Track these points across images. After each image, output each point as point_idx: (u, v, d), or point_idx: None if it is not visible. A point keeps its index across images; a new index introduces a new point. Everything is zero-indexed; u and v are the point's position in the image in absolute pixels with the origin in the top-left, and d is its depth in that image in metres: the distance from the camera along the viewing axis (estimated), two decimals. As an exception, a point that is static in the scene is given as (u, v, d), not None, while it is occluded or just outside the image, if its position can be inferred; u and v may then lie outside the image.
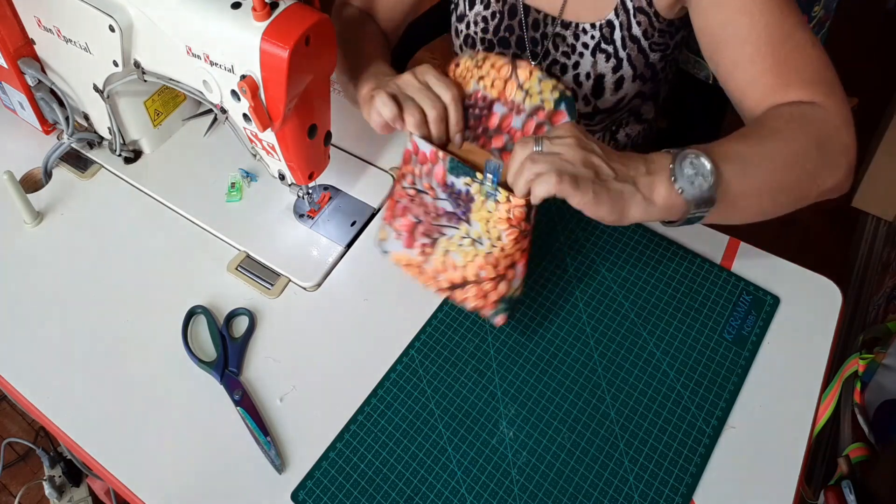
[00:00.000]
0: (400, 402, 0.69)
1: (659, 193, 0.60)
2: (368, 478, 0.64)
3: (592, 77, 0.81)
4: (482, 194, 0.68)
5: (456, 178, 0.70)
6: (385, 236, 0.73)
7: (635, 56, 0.79)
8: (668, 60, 0.83)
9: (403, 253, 0.71)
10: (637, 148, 0.97)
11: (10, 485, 1.51)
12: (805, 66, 0.67)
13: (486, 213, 0.68)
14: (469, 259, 0.68)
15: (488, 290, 0.67)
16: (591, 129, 0.88)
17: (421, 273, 0.71)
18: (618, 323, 0.73)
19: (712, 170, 0.59)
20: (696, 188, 0.59)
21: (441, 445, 0.66)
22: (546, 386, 0.69)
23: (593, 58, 0.80)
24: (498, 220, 0.67)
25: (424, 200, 0.73)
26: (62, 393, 0.71)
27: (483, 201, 0.69)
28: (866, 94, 2.10)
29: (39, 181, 0.88)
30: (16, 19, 0.81)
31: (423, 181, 0.73)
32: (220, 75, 0.68)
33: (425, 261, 0.70)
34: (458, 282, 0.68)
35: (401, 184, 0.74)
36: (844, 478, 1.03)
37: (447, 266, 0.69)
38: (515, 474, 0.64)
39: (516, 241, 0.67)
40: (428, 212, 0.72)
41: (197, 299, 0.76)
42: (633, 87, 0.82)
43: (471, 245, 0.68)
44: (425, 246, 0.70)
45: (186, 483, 0.65)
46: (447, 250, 0.69)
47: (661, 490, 0.63)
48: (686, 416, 0.67)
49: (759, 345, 0.71)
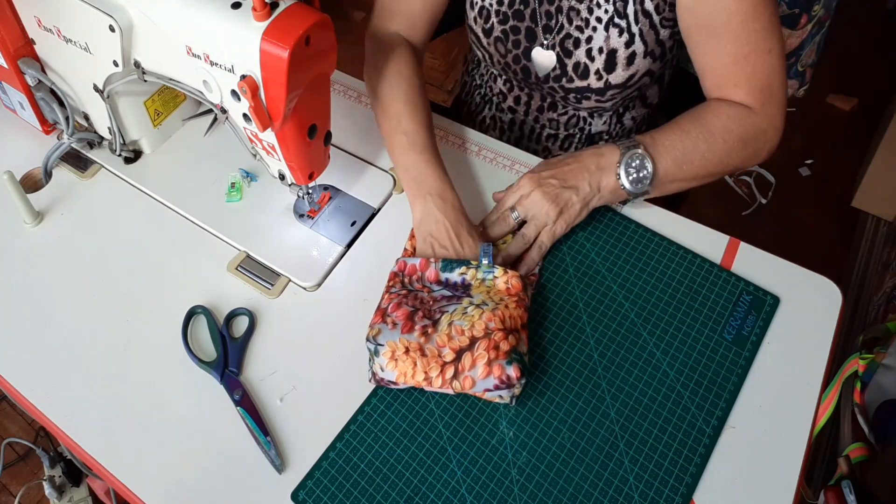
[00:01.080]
0: (400, 402, 0.69)
1: (606, 187, 0.77)
2: (368, 478, 0.64)
3: (605, 51, 0.82)
4: (479, 277, 0.71)
5: (450, 273, 0.72)
6: (377, 332, 0.67)
7: (647, 31, 0.80)
8: (675, 39, 0.83)
9: (401, 340, 0.66)
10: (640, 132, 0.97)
11: (10, 485, 1.51)
12: (757, 71, 0.76)
13: (485, 288, 0.70)
14: (476, 319, 0.66)
15: (499, 342, 0.64)
16: (601, 105, 0.88)
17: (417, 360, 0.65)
18: (618, 323, 0.73)
19: (652, 172, 0.76)
20: (636, 186, 0.76)
21: (441, 445, 0.66)
22: (546, 386, 0.69)
23: (606, 32, 0.81)
24: (498, 292, 0.70)
25: (419, 295, 0.71)
26: (62, 393, 0.71)
27: (480, 282, 0.71)
28: (866, 94, 2.10)
29: (39, 181, 0.88)
30: (16, 19, 0.81)
31: (416, 284, 0.73)
32: (220, 75, 0.68)
33: (427, 340, 0.66)
34: (466, 345, 0.65)
35: (389, 292, 0.72)
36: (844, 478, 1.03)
37: (453, 335, 0.66)
38: (515, 474, 0.64)
39: (518, 307, 0.68)
40: (425, 302, 0.71)
41: (197, 299, 0.76)
42: (644, 63, 0.83)
43: (475, 309, 0.67)
44: (426, 327, 0.67)
45: (186, 483, 0.65)
46: (451, 321, 0.67)
47: (661, 490, 0.63)
48: (686, 415, 0.67)
49: (759, 345, 0.71)
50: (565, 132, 0.97)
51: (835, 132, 2.04)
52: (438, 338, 0.66)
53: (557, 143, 0.99)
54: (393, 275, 0.75)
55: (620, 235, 0.80)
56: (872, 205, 1.79)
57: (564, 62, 0.85)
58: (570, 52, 0.84)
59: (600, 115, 0.94)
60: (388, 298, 0.71)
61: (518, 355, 0.65)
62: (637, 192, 0.76)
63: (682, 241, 0.79)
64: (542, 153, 1.01)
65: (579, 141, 0.98)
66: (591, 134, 0.97)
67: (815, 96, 2.10)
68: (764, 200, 1.91)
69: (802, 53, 1.17)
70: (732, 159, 0.78)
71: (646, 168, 0.75)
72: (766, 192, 1.92)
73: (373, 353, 0.67)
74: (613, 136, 0.97)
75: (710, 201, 1.90)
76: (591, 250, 0.79)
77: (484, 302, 0.68)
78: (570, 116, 0.95)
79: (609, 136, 0.97)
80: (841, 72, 2.15)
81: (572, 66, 0.85)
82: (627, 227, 0.81)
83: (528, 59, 0.88)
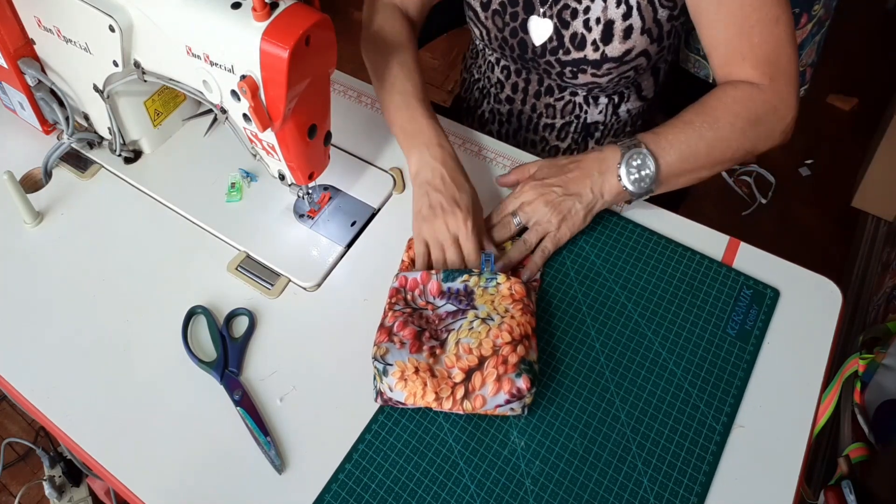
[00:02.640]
0: (408, 418, 0.67)
1: (608, 190, 0.76)
2: (380, 498, 0.63)
3: (603, 22, 0.82)
4: (481, 285, 0.71)
5: (452, 283, 0.72)
6: (384, 351, 0.67)
7: (644, 6, 0.80)
8: (673, 25, 0.83)
9: (410, 360, 0.65)
10: (635, 127, 1.00)
11: (10, 485, 1.51)
12: (764, 42, 0.74)
13: (488, 296, 0.70)
14: (482, 336, 0.66)
15: (507, 355, 0.65)
16: (597, 79, 0.88)
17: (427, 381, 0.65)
18: (622, 325, 0.73)
19: (655, 171, 0.74)
20: (638, 186, 0.75)
21: (452, 460, 0.65)
22: (555, 392, 0.69)
23: (604, 2, 0.81)
24: (502, 299, 0.69)
25: (424, 314, 0.71)
26: (62, 393, 0.71)
27: (483, 290, 0.71)
28: (866, 94, 2.10)
29: (39, 181, 0.88)
30: (16, 19, 0.81)
31: (419, 301, 0.73)
32: (220, 75, 0.68)
33: (436, 361, 0.66)
34: (475, 364, 0.65)
35: (392, 310, 0.71)
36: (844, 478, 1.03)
37: (461, 354, 0.66)
38: (529, 484, 0.63)
39: (524, 313, 0.68)
40: (430, 321, 0.70)
41: (197, 299, 0.76)
42: (641, 40, 0.83)
43: (481, 325, 0.67)
44: (434, 348, 0.67)
45: (186, 483, 0.65)
46: (458, 340, 0.67)
47: (675, 490, 0.63)
48: (696, 414, 0.67)
49: (762, 339, 0.71)
50: (562, 119, 0.97)
51: (835, 132, 2.04)
52: (447, 358, 0.66)
53: (554, 132, 0.99)
54: (394, 291, 0.73)
55: (619, 236, 0.80)
56: (872, 205, 1.79)
57: (561, 32, 0.85)
58: (567, 23, 0.84)
59: (596, 103, 0.94)
60: (392, 316, 0.70)
61: (527, 365, 0.65)
62: (640, 191, 0.75)
63: (683, 241, 0.79)
64: (540, 143, 1.02)
65: (576, 130, 0.98)
66: (588, 123, 0.97)
67: (816, 96, 2.09)
68: (764, 200, 1.91)
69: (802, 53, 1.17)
70: (744, 142, 0.75)
71: (648, 167, 0.74)
72: (766, 192, 1.92)
73: (380, 372, 0.66)
74: (609, 126, 0.97)
75: (710, 201, 1.90)
76: (592, 252, 0.79)
77: (489, 316, 0.68)
78: (567, 102, 0.95)
79: (605, 125, 0.97)
80: (841, 72, 2.15)
81: (569, 37, 0.85)
82: (626, 228, 0.80)
83: (524, 32, 0.88)
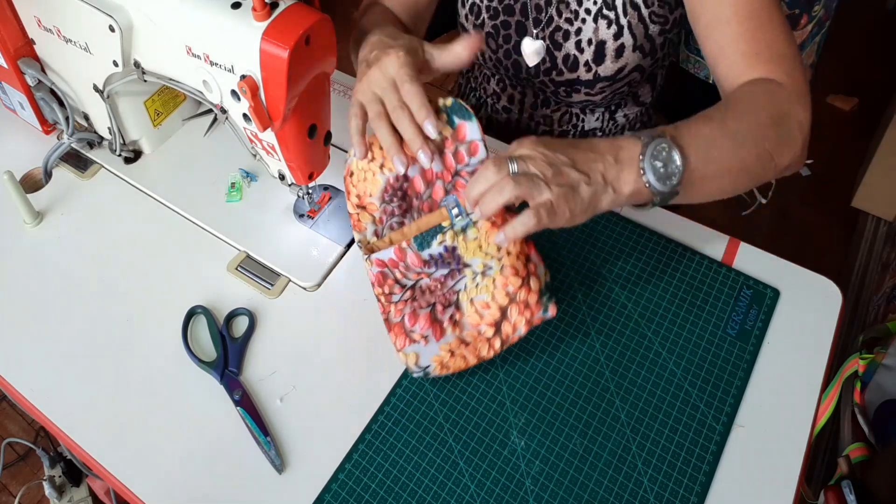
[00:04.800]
0: (408, 418, 0.67)
1: (627, 184, 0.61)
2: (380, 498, 0.63)
3: (594, 43, 0.82)
4: (459, 235, 0.67)
5: (430, 248, 0.69)
6: (415, 358, 0.66)
7: (635, 24, 0.81)
8: (666, 38, 0.84)
9: (441, 348, 0.65)
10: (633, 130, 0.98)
11: (10, 485, 1.51)
12: (774, 39, 0.71)
13: (473, 242, 0.67)
14: (493, 288, 0.65)
15: (526, 297, 0.64)
16: (591, 98, 0.88)
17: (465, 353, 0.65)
18: (622, 324, 0.73)
19: (682, 165, 0.61)
20: (664, 184, 0.61)
21: (452, 460, 0.65)
22: (555, 392, 0.69)
23: (595, 24, 0.81)
24: (487, 234, 0.66)
25: (423, 285, 0.70)
26: (62, 393, 0.71)
27: (464, 238, 0.67)
28: (866, 94, 2.10)
29: (39, 181, 0.88)
30: (16, 19, 0.81)
31: (409, 278, 0.71)
32: (220, 75, 0.68)
33: (461, 329, 0.66)
34: (499, 316, 0.65)
35: (390, 301, 0.69)
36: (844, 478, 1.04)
37: (481, 311, 0.65)
38: (530, 484, 0.63)
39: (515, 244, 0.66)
40: (433, 290, 0.69)
41: (197, 299, 0.76)
42: (633, 57, 0.83)
43: (483, 278, 0.66)
44: (452, 315, 0.67)
45: (186, 483, 0.65)
46: (471, 299, 0.66)
47: (675, 490, 0.62)
48: (696, 414, 0.67)
49: (762, 339, 0.71)
50: (559, 128, 0.97)
51: (835, 132, 2.04)
52: (469, 318, 0.66)
53: None
54: (380, 277, 0.70)
55: (619, 236, 0.80)
56: (872, 205, 1.79)
57: (554, 54, 0.85)
58: (559, 45, 0.85)
59: (592, 112, 0.95)
60: (397, 310, 0.69)
61: (545, 291, 0.65)
62: (666, 190, 0.61)
63: (683, 241, 0.79)
64: None
65: (573, 137, 0.98)
66: (585, 131, 0.97)
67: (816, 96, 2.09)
68: (764, 200, 1.90)
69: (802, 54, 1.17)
70: (766, 142, 0.67)
71: (674, 161, 0.61)
72: (766, 192, 1.91)
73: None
74: (607, 133, 0.97)
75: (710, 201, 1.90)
76: (592, 252, 0.79)
77: (486, 266, 0.66)
78: (563, 113, 0.95)
79: (602, 132, 0.97)
80: (841, 72, 2.15)
81: (562, 59, 0.85)
82: (626, 228, 0.80)
83: (518, 54, 0.88)
